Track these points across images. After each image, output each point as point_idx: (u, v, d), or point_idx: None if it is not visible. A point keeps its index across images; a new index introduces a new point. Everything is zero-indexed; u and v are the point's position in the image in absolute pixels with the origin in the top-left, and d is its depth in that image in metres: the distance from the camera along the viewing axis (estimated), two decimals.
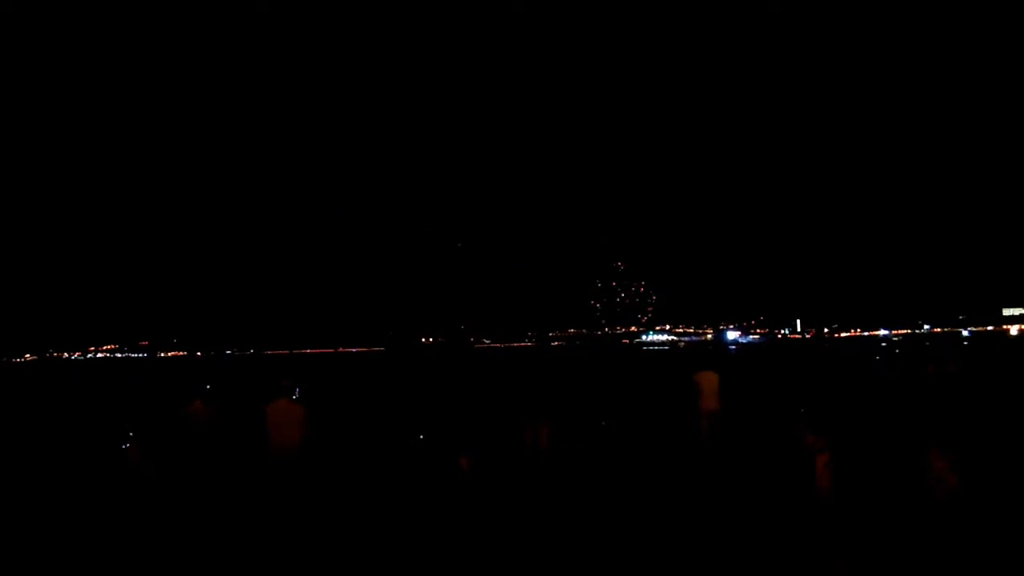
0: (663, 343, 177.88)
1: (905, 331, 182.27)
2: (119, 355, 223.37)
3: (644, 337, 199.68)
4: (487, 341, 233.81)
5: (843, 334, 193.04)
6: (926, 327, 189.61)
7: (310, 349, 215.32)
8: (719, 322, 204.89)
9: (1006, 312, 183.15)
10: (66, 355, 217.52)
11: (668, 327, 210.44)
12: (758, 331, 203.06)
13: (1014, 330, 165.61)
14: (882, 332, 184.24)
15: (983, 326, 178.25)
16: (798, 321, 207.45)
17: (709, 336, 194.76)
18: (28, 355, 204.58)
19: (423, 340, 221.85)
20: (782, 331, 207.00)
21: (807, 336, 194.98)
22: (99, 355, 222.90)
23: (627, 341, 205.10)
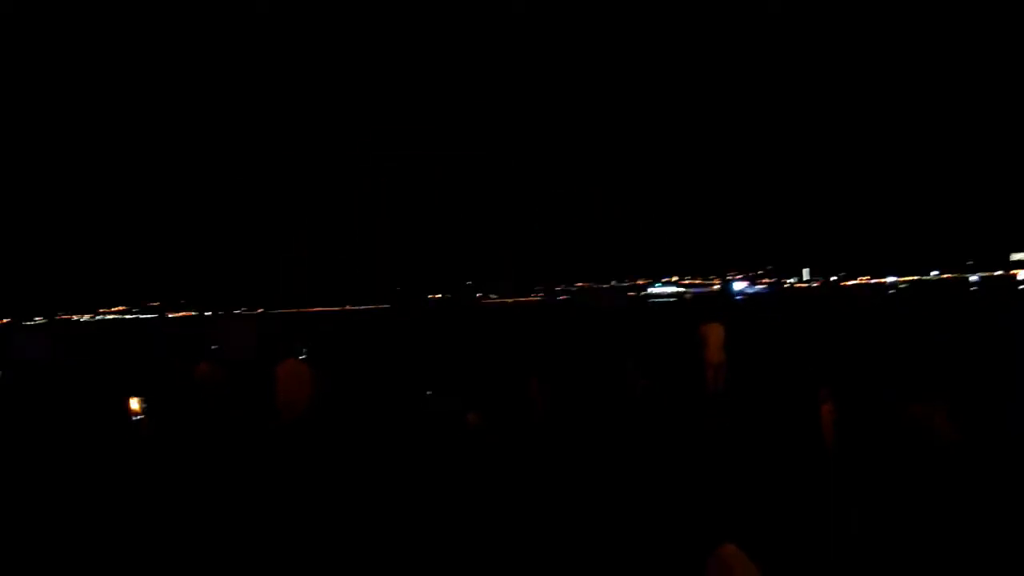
0: (670, 295, 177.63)
1: (913, 277, 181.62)
2: (128, 316, 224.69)
3: (651, 289, 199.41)
4: (494, 296, 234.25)
5: (850, 282, 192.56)
6: (934, 273, 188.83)
7: (318, 307, 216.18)
8: (726, 272, 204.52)
9: (1014, 257, 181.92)
10: (75, 317, 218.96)
11: (676, 278, 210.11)
12: (765, 281, 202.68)
13: (1022, 274, 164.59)
14: (890, 279, 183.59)
15: (991, 271, 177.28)
16: (806, 270, 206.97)
17: (716, 287, 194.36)
18: (38, 318, 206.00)
19: (430, 297, 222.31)
20: (789, 280, 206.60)
21: (814, 285, 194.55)
22: (108, 316, 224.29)
23: (634, 293, 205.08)
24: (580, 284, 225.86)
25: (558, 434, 9.40)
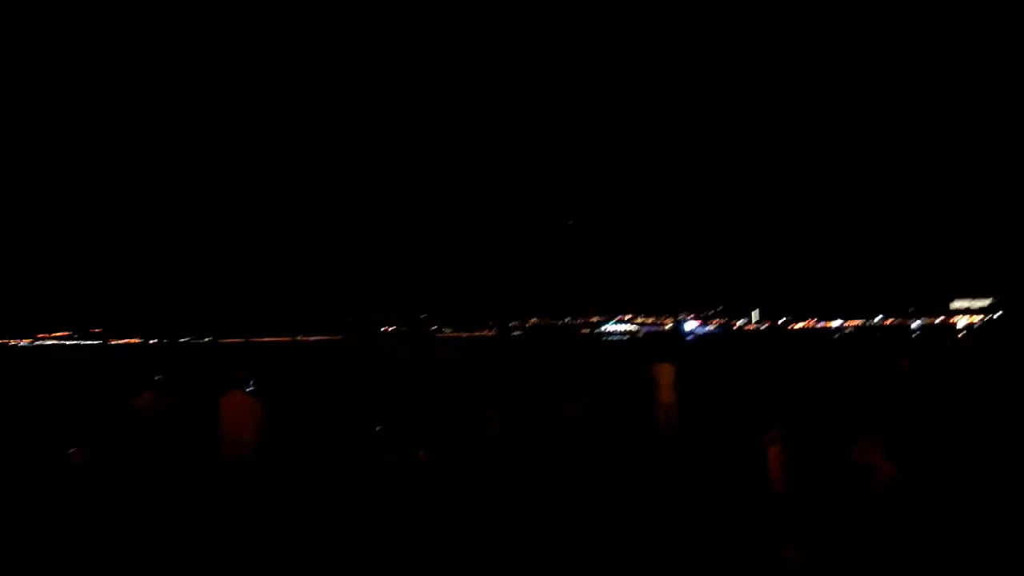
0: (623, 333, 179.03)
1: (859, 321, 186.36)
2: (69, 343, 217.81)
3: (604, 327, 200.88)
4: (448, 331, 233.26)
5: (799, 324, 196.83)
6: (878, 317, 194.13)
7: (267, 337, 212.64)
8: (678, 311, 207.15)
9: (954, 305, 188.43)
10: (13, 342, 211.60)
11: (628, 317, 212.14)
12: (716, 321, 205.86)
13: (962, 322, 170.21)
14: (836, 323, 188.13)
15: (932, 317, 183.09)
16: (755, 312, 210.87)
17: (668, 326, 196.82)
18: None
19: (384, 329, 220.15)
20: (739, 321, 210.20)
21: (763, 327, 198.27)
22: (48, 342, 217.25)
23: (587, 331, 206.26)
24: (535, 320, 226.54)
25: (511, 472, 9.32)
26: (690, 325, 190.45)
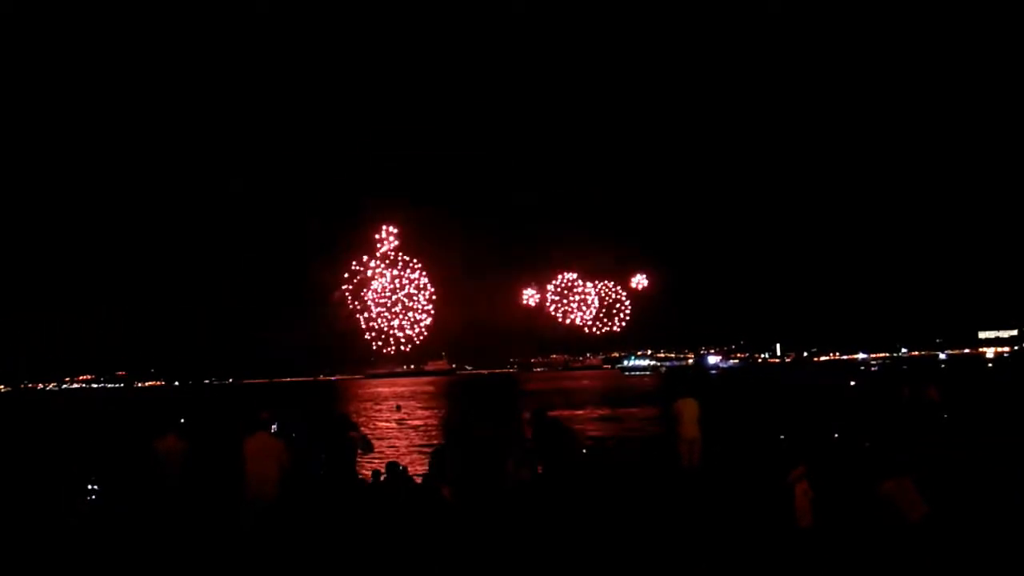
0: (645, 368, 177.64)
1: (883, 354, 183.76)
2: (95, 386, 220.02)
3: (626, 362, 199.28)
4: (468, 368, 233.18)
5: (822, 358, 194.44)
6: (903, 350, 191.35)
7: (290, 378, 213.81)
8: (700, 346, 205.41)
9: (982, 335, 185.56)
10: (40, 386, 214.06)
11: (649, 352, 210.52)
12: (738, 355, 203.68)
13: (990, 353, 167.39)
14: (860, 356, 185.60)
15: (960, 349, 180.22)
16: (778, 345, 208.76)
17: (690, 361, 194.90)
18: (1, 386, 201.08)
19: (406, 368, 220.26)
20: (762, 355, 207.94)
21: (787, 360, 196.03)
22: (75, 386, 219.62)
23: (609, 366, 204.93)
24: (554, 356, 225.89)
25: (532, 508, 9.25)
26: (713, 360, 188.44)
